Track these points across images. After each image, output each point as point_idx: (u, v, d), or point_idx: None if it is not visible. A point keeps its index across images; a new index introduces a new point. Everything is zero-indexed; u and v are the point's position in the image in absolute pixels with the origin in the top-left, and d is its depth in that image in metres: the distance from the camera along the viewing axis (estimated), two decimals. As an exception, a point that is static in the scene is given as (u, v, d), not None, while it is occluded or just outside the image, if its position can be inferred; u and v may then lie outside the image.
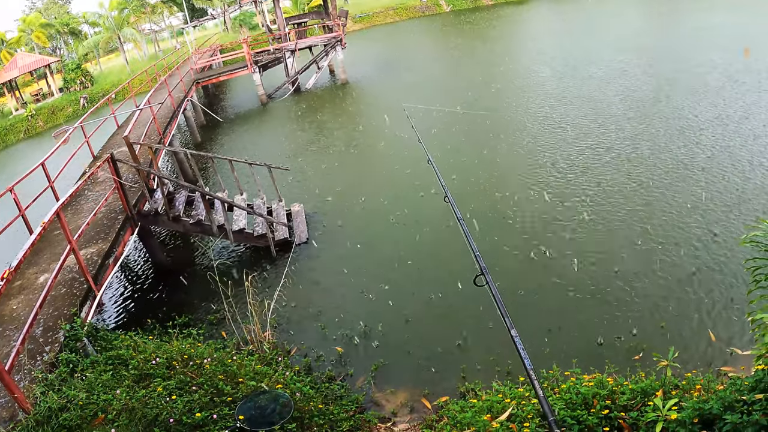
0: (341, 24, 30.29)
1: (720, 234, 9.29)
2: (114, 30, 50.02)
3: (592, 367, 6.41)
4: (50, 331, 6.16)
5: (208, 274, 8.86)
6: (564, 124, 15.91)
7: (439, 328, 8.15)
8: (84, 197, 11.10)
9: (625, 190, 11.36)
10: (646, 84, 18.62)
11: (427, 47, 38.63)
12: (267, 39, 34.56)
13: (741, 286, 7.81)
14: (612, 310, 7.94)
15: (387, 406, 6.84)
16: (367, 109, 23.91)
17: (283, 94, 28.87)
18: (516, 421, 4.86)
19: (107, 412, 4.74)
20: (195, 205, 11.58)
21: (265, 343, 7.61)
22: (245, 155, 16.21)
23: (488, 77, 24.07)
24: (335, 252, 10.97)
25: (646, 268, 8.74)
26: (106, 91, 41.50)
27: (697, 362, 6.64)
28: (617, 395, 4.71)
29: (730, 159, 11.86)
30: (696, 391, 4.70)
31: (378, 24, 56.89)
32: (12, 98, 44.82)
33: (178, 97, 22.05)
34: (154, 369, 5.50)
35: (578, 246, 9.66)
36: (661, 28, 29.50)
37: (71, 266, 7.64)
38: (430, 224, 11.22)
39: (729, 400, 3.58)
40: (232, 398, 5.22)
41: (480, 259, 3.53)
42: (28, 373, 5.36)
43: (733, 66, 18.05)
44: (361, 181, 14.63)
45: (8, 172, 27.34)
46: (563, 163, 13.14)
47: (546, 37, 33.78)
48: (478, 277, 3.49)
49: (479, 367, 7.20)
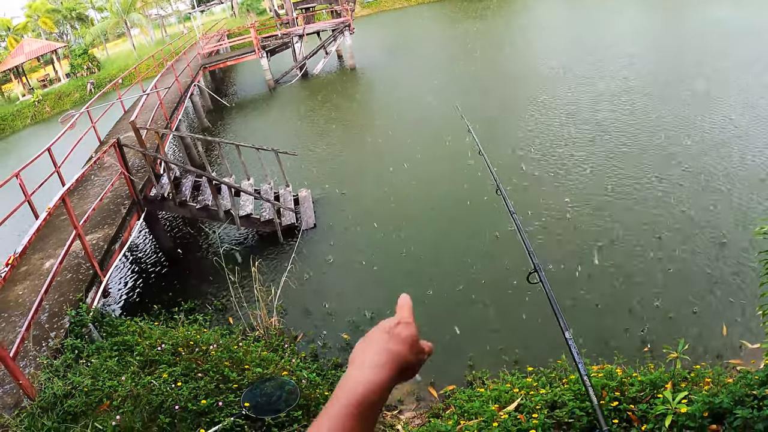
0: (350, 9, 30.03)
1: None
2: (121, 15, 49.75)
3: (601, 358, 6.36)
4: (55, 317, 6.13)
5: (215, 260, 8.82)
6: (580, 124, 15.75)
7: (446, 316, 8.08)
8: (90, 182, 11.07)
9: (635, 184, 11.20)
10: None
11: (437, 34, 38.18)
12: (275, 24, 34.34)
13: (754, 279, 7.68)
14: (621, 302, 7.86)
15: (393, 394, 6.80)
16: (376, 95, 23.75)
17: (291, 79, 28.69)
18: (524, 411, 4.81)
19: (112, 398, 4.72)
20: (202, 190, 11.53)
21: (272, 329, 7.58)
22: (252, 140, 16.08)
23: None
24: (342, 238, 10.90)
25: (654, 259, 8.63)
26: (113, 77, 41.35)
27: (705, 355, 6.55)
28: (626, 387, 4.66)
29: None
30: (705, 384, 4.64)
31: (386, 9, 56.33)
32: (19, 84, 44.82)
33: (185, 82, 21.92)
34: (159, 355, 5.47)
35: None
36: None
37: (77, 252, 7.61)
38: (436, 208, 11.14)
39: (739, 395, 3.54)
40: (237, 385, 5.18)
41: (534, 256, 3.37)
42: (33, 360, 5.34)
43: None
44: (368, 167, 14.52)
45: (15, 157, 27.43)
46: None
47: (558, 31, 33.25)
48: (531, 274, 3.34)
49: (486, 356, 7.14)
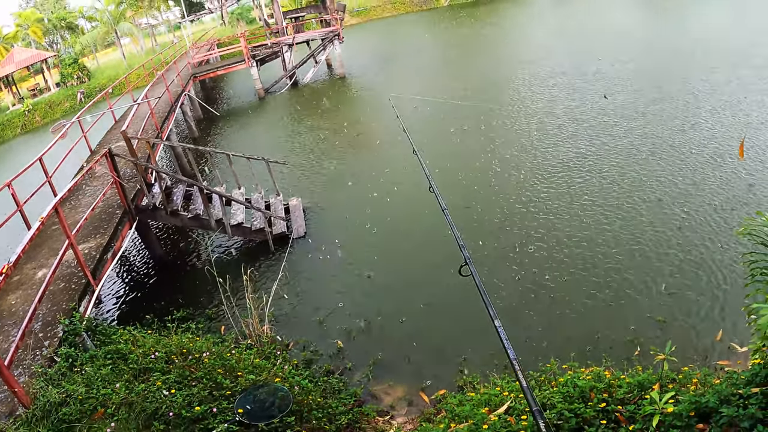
0: (339, 18, 30.21)
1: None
2: (111, 24, 49.74)
3: (590, 361, 6.46)
4: (49, 326, 6.16)
5: (206, 269, 8.87)
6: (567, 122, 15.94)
7: (437, 322, 8.17)
8: (82, 192, 11.08)
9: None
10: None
11: (425, 42, 38.45)
12: (264, 33, 34.45)
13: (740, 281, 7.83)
14: (609, 304, 7.98)
15: (385, 399, 6.87)
16: (364, 103, 23.86)
17: (281, 88, 28.81)
18: (514, 414, 4.89)
19: (107, 406, 4.76)
20: (193, 200, 11.56)
21: (264, 336, 7.63)
22: (242, 149, 16.14)
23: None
24: (333, 246, 10.95)
25: (644, 261, 8.77)
26: (103, 86, 41.32)
27: (693, 357, 6.66)
28: (614, 389, 4.73)
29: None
30: (693, 385, 4.73)
31: (375, 18, 56.70)
32: (9, 93, 44.60)
33: (176, 92, 21.96)
34: (153, 363, 5.51)
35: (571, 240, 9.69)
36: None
37: (69, 261, 7.63)
38: (429, 219, 11.19)
39: (725, 394, 3.59)
40: (231, 392, 5.24)
41: (464, 249, 3.56)
42: (27, 368, 5.37)
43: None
44: (359, 176, 14.60)
45: (4, 167, 27.29)
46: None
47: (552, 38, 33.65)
48: (463, 267, 3.55)
49: (477, 361, 7.22)
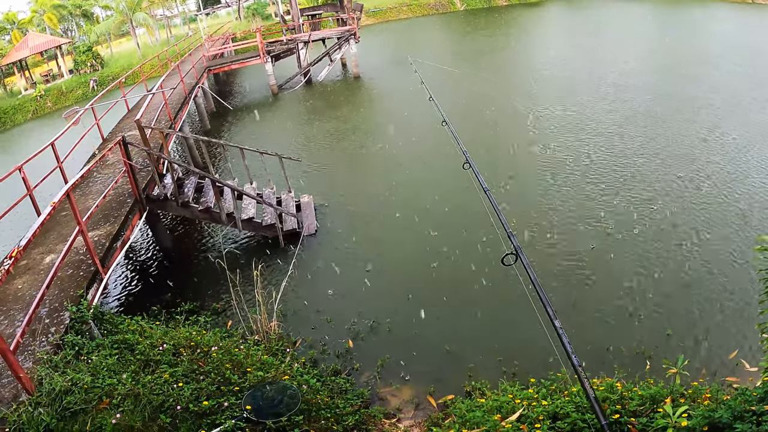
0: (356, 17, 30.13)
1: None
2: (127, 14, 49.87)
3: (602, 372, 6.37)
4: (56, 313, 6.07)
5: (216, 262, 8.79)
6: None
7: (446, 326, 8.07)
8: (92, 179, 11.03)
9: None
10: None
11: (440, 45, 38.32)
12: (280, 29, 34.45)
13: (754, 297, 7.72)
14: (620, 317, 7.86)
15: (392, 402, 6.78)
16: (380, 105, 23.75)
17: (295, 85, 28.75)
18: (526, 422, 4.79)
19: (112, 396, 4.67)
20: (204, 192, 11.50)
21: (271, 333, 7.54)
22: (254, 144, 16.07)
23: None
24: (343, 245, 10.88)
25: (654, 278, 8.65)
26: (116, 75, 41.46)
27: (702, 372, 6.57)
28: (626, 400, 4.68)
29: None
30: (704, 399, 4.66)
31: (391, 19, 56.61)
32: (22, 78, 44.86)
33: (190, 84, 21.94)
34: (160, 355, 5.44)
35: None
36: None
37: (78, 248, 7.57)
38: (438, 219, 11.13)
39: (738, 410, 3.60)
40: (239, 388, 5.15)
41: (514, 238, 3.33)
42: (32, 354, 5.29)
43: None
44: (370, 175, 14.53)
45: (15, 151, 27.38)
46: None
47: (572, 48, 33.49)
48: (506, 256, 3.24)
49: (486, 367, 7.12)
